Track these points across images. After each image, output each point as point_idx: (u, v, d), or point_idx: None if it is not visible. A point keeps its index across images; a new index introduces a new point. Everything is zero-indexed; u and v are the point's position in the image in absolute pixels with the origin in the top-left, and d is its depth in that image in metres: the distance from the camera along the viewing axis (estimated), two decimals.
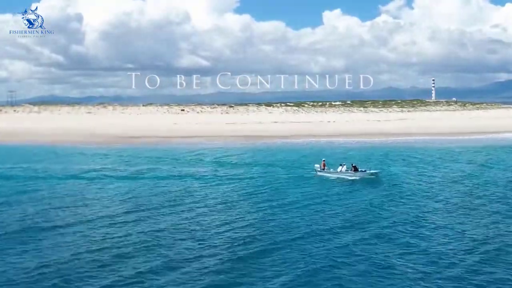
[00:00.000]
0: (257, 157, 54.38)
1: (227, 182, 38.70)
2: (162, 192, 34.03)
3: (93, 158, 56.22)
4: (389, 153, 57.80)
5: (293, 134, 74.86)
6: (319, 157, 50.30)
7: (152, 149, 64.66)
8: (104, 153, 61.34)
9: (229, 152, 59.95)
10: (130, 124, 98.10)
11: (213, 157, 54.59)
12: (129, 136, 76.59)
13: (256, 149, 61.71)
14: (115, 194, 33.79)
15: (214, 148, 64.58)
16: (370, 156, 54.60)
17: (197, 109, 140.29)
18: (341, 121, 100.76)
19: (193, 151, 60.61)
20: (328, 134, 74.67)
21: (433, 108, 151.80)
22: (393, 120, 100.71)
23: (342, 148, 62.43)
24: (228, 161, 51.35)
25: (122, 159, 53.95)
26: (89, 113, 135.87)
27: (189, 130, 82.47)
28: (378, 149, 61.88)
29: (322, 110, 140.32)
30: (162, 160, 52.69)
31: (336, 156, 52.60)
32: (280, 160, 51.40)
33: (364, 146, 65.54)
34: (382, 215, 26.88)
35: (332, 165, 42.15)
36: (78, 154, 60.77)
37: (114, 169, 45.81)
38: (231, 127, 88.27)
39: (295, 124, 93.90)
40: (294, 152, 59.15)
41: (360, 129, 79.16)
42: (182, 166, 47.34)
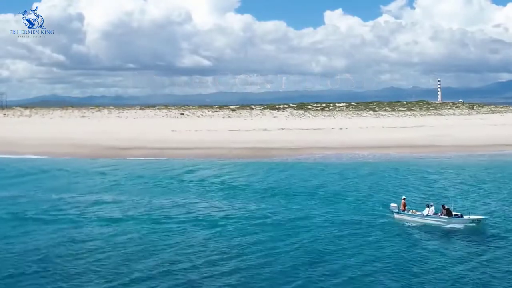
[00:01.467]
0: (276, 182, 43.22)
1: (245, 230, 27.36)
2: (145, 253, 23.49)
3: (64, 179, 46.74)
4: (449, 177, 45.45)
5: (305, 145, 65.12)
6: (362, 183, 40.85)
7: (142, 166, 55.16)
8: (85, 170, 52.05)
9: (237, 173, 49.64)
10: (123, 131, 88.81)
11: (218, 182, 43.99)
12: (119, 147, 67.29)
13: (269, 169, 51.37)
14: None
15: (217, 166, 55.14)
16: (427, 181, 42.93)
17: (198, 113, 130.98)
18: (353, 127, 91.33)
19: (192, 171, 50.68)
20: (345, 146, 64.78)
21: (446, 112, 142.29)
22: (410, 127, 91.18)
23: (374, 167, 50.91)
24: (239, 189, 40.55)
25: (97, 184, 44.19)
26: (83, 116, 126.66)
27: (188, 140, 73.11)
28: (424, 168, 50.15)
29: (330, 114, 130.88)
30: (149, 185, 42.73)
31: (378, 182, 41.90)
32: (310, 188, 39.69)
33: (399, 164, 53.89)
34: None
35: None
36: (55, 170, 51.65)
37: (79, 203, 35.48)
38: (235, 135, 78.88)
39: (304, 132, 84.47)
40: (322, 175, 47.17)
41: (380, 140, 69.52)
42: (176, 196, 37.02)
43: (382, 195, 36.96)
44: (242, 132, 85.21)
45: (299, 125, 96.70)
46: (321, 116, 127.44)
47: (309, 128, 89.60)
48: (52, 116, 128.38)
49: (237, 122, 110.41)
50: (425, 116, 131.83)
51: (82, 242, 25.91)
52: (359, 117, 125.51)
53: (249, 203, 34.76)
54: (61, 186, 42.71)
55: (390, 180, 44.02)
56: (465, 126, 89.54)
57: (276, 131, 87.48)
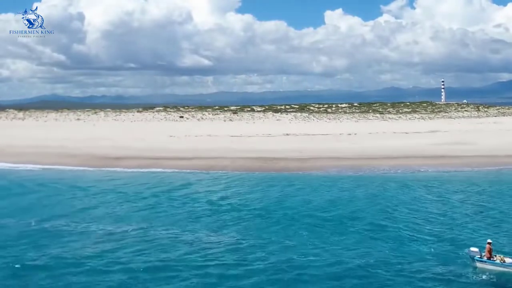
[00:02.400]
0: (290, 206, 36.40)
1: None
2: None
3: (30, 198, 40.61)
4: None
5: (315, 155, 59.00)
6: (399, 208, 34.29)
7: (133, 180, 49.11)
8: (62, 186, 45.94)
9: (240, 191, 43.29)
10: (119, 136, 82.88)
11: (219, 205, 37.47)
12: (111, 157, 61.33)
13: (278, 186, 44.91)
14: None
15: (218, 181, 49.12)
16: (487, 207, 35.19)
17: (198, 116, 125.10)
18: (362, 132, 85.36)
19: (189, 187, 44.35)
20: (359, 155, 58.53)
21: (455, 115, 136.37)
22: (423, 132, 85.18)
23: (403, 185, 43.57)
24: (246, 217, 33.64)
25: (71, 206, 37.88)
26: (78, 119, 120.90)
27: (186, 148, 67.12)
28: (466, 188, 42.60)
29: (335, 117, 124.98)
30: (136, 208, 36.43)
31: (420, 207, 35.03)
32: (336, 214, 33.06)
33: (431, 180, 46.39)
34: None
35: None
36: (27, 185, 45.61)
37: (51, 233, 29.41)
38: (237, 142, 72.84)
39: (310, 139, 78.52)
40: (343, 196, 40.10)
41: (394, 148, 63.33)
42: (166, 225, 30.72)
43: (434, 227, 29.70)
44: (245, 138, 79.29)
45: (305, 130, 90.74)
46: (326, 119, 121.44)
47: (315, 134, 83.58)
48: (46, 119, 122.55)
49: (239, 126, 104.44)
50: (434, 119, 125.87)
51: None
52: (366, 121, 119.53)
53: (262, 238, 28.36)
54: (20, 208, 36.74)
55: (433, 204, 36.75)
56: (482, 132, 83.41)
57: (281, 136, 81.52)
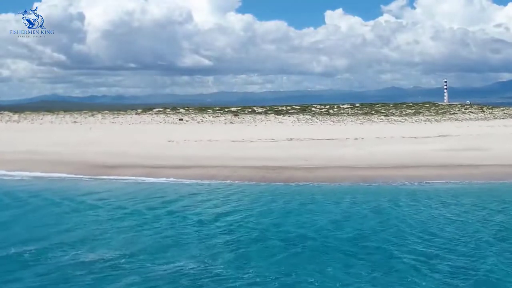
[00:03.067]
0: (303, 227, 31.81)
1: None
2: None
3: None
4: None
5: (323, 164, 54.50)
6: (437, 235, 28.75)
7: (125, 192, 45.11)
8: (55, 199, 41.56)
9: (244, 208, 38.87)
10: (115, 141, 79.00)
11: (219, 226, 33.14)
12: (106, 165, 57.29)
13: (286, 201, 40.54)
14: None
15: (219, 194, 44.86)
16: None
17: (198, 118, 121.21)
18: (369, 137, 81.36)
19: (186, 201, 39.93)
20: (369, 164, 53.95)
21: (462, 117, 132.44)
22: (433, 137, 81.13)
23: (429, 201, 38.53)
24: (245, 241, 29.14)
25: (59, 224, 33.09)
26: (75, 122, 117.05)
27: (185, 155, 63.14)
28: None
29: (339, 120, 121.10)
30: (123, 229, 31.69)
31: (464, 236, 29.17)
32: (364, 244, 27.83)
33: (451, 194, 41.24)
34: None
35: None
36: (20, 200, 40.64)
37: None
38: (239, 148, 68.84)
39: (316, 144, 74.51)
40: (364, 214, 35.03)
41: (406, 155, 58.93)
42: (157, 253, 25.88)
43: (458, 260, 25.13)
44: (247, 143, 75.35)
45: (309, 134, 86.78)
46: (330, 122, 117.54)
47: (320, 139, 79.60)
48: (42, 122, 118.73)
49: (240, 129, 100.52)
50: (440, 121, 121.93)
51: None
52: (371, 123, 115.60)
53: (262, 272, 24.43)
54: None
55: (456, 227, 31.62)
56: (495, 136, 79.29)
57: (285, 141, 77.54)
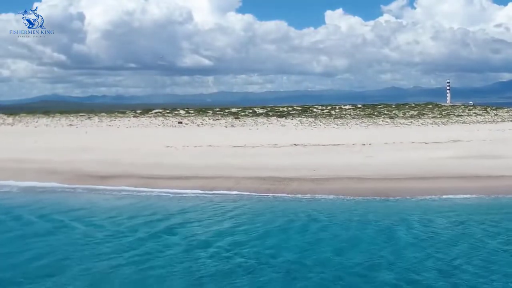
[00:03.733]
0: (317, 253, 27.98)
1: None
2: None
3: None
4: None
5: (332, 174, 50.13)
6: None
7: (116, 208, 40.99)
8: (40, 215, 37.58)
9: (248, 226, 34.79)
10: (111, 147, 74.96)
11: (219, 251, 29.16)
12: (99, 175, 53.30)
13: (293, 218, 36.56)
14: None
15: (220, 209, 41.13)
16: None
17: (198, 121, 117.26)
18: (377, 143, 77.26)
19: (179, 226, 35.54)
20: (381, 175, 49.16)
21: (469, 119, 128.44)
22: (444, 142, 77.05)
23: (444, 220, 35.08)
24: (242, 272, 25.39)
25: (34, 248, 28.63)
26: (71, 125, 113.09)
27: (183, 163, 59.05)
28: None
29: (343, 123, 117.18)
30: (103, 256, 27.15)
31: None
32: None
33: (476, 212, 37.13)
34: None
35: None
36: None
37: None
38: (241, 155, 64.84)
39: (322, 150, 70.48)
40: (386, 237, 31.25)
41: (418, 164, 54.66)
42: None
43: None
44: (249, 149, 71.29)
45: (313, 139, 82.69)
46: (334, 125, 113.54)
47: (326, 144, 75.56)
48: (37, 125, 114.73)
49: (242, 133, 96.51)
50: (447, 124, 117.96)
51: None
52: (377, 127, 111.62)
53: None
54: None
55: (484, 254, 27.99)
56: (509, 141, 75.34)
57: (288, 147, 73.48)
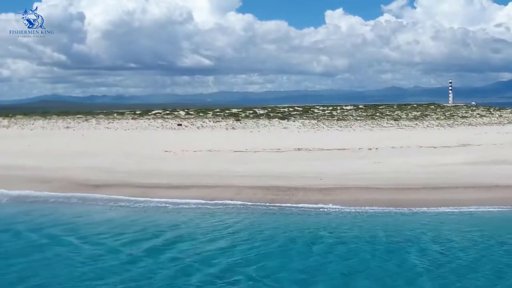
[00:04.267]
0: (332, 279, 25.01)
1: None
2: None
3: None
4: None
5: (340, 183, 46.67)
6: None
7: (108, 220, 37.93)
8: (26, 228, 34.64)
9: (251, 245, 31.59)
10: (107, 151, 71.85)
11: (217, 274, 26.07)
12: (93, 184, 50.20)
13: (296, 234, 33.64)
14: None
15: (218, 225, 37.63)
16: None
17: (198, 123, 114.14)
18: (383, 147, 74.18)
19: (174, 245, 32.31)
20: (391, 184, 46.11)
21: (475, 121, 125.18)
22: (453, 147, 73.98)
23: (468, 239, 32.39)
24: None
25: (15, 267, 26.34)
26: (67, 127, 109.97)
27: (182, 170, 55.90)
28: None
29: (346, 125, 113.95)
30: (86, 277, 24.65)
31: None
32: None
33: (502, 228, 34.42)
34: None
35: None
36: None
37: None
38: (243, 161, 61.76)
39: (326, 155, 67.47)
40: (391, 262, 28.68)
41: (431, 170, 51.72)
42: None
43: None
44: (251, 154, 68.23)
45: (317, 142, 79.48)
46: (337, 127, 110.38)
47: (331, 149, 72.44)
48: (33, 127, 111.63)
49: (243, 136, 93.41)
50: (453, 126, 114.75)
51: None
52: (381, 129, 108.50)
53: None
54: None
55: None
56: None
57: (292, 152, 70.35)
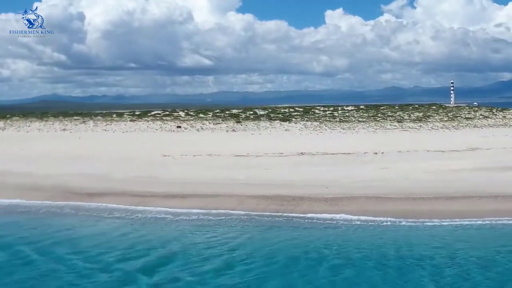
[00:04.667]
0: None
1: None
2: None
3: None
4: None
5: (347, 192, 44.41)
6: None
7: (100, 234, 35.20)
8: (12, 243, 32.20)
9: (245, 271, 28.79)
10: (104, 156, 69.20)
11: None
12: (86, 193, 47.52)
13: (303, 251, 30.87)
14: None
15: (218, 240, 35.07)
16: None
17: (197, 125, 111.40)
18: (389, 150, 71.48)
19: (168, 264, 29.52)
20: (403, 193, 43.75)
21: (480, 123, 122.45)
22: (461, 151, 71.24)
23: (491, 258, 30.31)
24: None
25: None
26: (64, 130, 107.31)
27: (181, 177, 53.16)
28: None
29: (349, 127, 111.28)
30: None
31: None
32: None
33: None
34: None
35: None
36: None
37: None
38: (244, 167, 59.07)
39: (331, 160, 64.77)
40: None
41: (443, 177, 49.59)
42: None
43: None
44: (253, 159, 65.53)
45: (320, 146, 76.73)
46: (340, 129, 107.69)
47: (335, 153, 69.74)
48: (28, 129, 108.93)
49: (244, 139, 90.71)
50: (459, 128, 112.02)
51: None
52: (385, 131, 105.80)
53: None
54: None
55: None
56: None
57: (295, 157, 67.60)
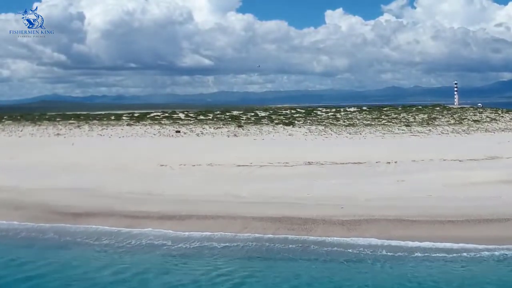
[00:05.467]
0: None
1: None
2: None
3: None
4: None
5: (365, 213, 39.35)
6: None
7: (85, 265, 30.20)
8: None
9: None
10: (97, 165, 64.17)
11: None
12: (73, 212, 42.55)
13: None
14: None
15: (218, 278, 30.44)
16: None
17: (197, 130, 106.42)
18: (403, 159, 66.44)
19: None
20: (428, 215, 38.55)
21: (491, 127, 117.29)
22: (480, 160, 66.22)
23: None
24: None
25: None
26: (58, 135, 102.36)
27: (179, 192, 48.12)
28: None
29: (355, 131, 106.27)
30: None
31: None
32: None
33: None
34: None
35: None
36: None
37: None
38: (247, 179, 54.06)
39: (341, 172, 59.83)
40: None
41: (469, 194, 44.48)
42: None
43: None
44: (256, 170, 60.45)
45: (328, 154, 71.47)
46: (346, 134, 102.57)
47: (345, 163, 64.67)
48: (21, 134, 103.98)
49: (246, 145, 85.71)
50: (470, 133, 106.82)
51: None
52: (393, 136, 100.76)
53: None
54: None
55: None
56: None
57: (302, 167, 62.43)
